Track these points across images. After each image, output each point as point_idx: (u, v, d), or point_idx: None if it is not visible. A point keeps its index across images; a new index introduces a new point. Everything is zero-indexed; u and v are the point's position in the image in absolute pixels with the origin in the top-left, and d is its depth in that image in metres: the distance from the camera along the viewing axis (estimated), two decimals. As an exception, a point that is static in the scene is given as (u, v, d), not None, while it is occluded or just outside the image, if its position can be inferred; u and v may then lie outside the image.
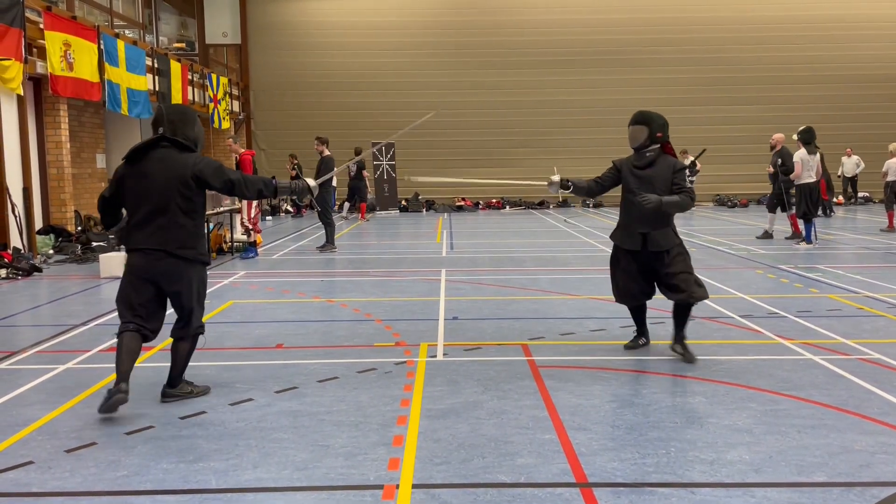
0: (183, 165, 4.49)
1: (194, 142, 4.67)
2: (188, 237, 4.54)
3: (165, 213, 4.48)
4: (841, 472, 3.56)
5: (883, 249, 11.97)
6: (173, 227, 4.49)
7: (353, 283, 9.47)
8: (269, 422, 4.36)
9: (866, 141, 22.83)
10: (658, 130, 5.46)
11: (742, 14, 23.75)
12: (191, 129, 4.65)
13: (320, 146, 12.96)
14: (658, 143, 5.47)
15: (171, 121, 4.61)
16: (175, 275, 4.58)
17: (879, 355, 5.56)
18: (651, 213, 5.35)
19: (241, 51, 24.34)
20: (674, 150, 5.60)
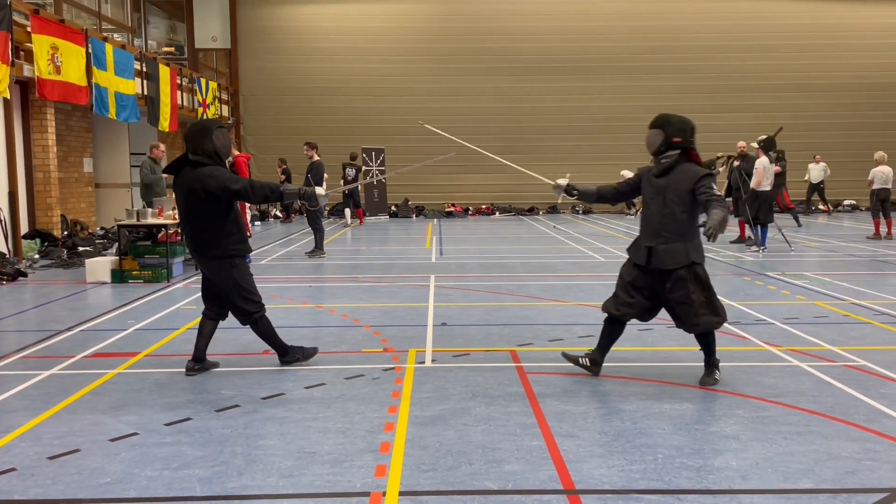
0: (193, 180, 5.08)
1: (214, 153, 5.15)
2: (211, 239, 5.16)
3: (188, 221, 5.25)
4: (827, 479, 3.57)
5: (869, 257, 12.06)
6: (197, 232, 5.21)
7: (341, 288, 9.44)
8: (255, 428, 4.33)
9: (849, 149, 23.05)
10: (676, 135, 4.94)
11: (730, 23, 23.91)
12: (208, 142, 5.13)
13: (310, 151, 12.93)
14: (677, 149, 4.95)
15: (189, 139, 5.19)
16: (213, 272, 5.28)
17: (865, 362, 5.59)
18: (655, 225, 4.92)
19: (230, 55, 24.27)
20: (699, 157, 5.07)
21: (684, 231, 4.90)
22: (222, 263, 5.19)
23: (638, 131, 18.57)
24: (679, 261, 4.88)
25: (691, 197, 4.89)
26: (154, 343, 6.44)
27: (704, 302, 4.91)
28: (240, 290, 5.28)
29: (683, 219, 4.91)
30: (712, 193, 4.83)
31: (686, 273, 4.88)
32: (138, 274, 9.89)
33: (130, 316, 7.67)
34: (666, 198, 4.92)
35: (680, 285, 4.89)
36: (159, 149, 12.11)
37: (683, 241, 4.89)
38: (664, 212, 4.92)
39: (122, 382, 5.28)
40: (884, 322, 7.02)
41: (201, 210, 5.12)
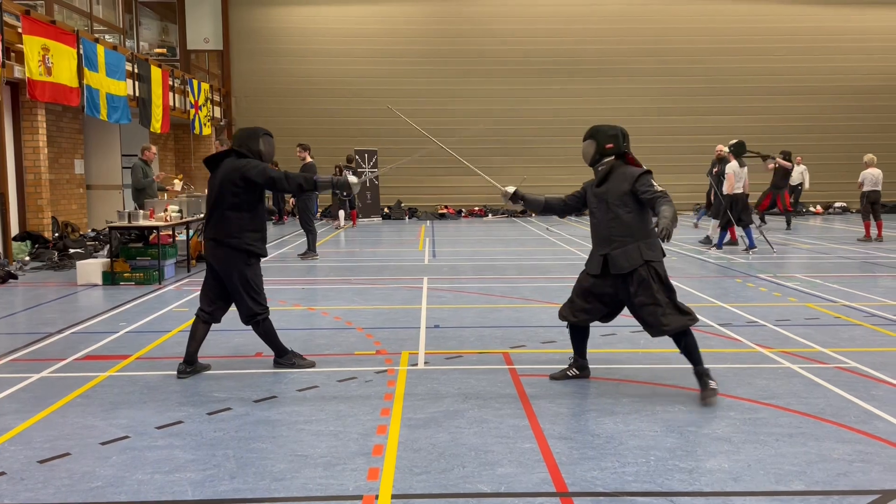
0: (233, 168, 5.26)
1: (258, 153, 5.37)
2: (234, 229, 5.26)
3: (216, 208, 5.32)
4: (818, 481, 3.58)
5: (860, 259, 12.12)
6: (222, 220, 5.28)
7: (334, 290, 9.42)
8: (247, 431, 4.31)
9: (840, 152, 23.19)
10: (607, 142, 4.98)
11: (722, 26, 24.02)
12: (255, 143, 5.38)
13: (302, 153, 12.92)
14: (610, 155, 5.00)
15: (239, 136, 5.46)
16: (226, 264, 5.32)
17: (856, 364, 5.61)
18: (605, 232, 4.90)
19: (222, 57, 24.22)
20: (636, 161, 5.06)
21: (633, 231, 4.87)
22: (238, 256, 5.27)
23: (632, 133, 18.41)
24: (634, 261, 4.82)
25: (633, 197, 4.88)
26: (145, 345, 6.41)
27: (669, 302, 4.80)
28: (249, 289, 5.36)
29: (629, 219, 4.89)
30: (654, 191, 4.79)
31: (646, 272, 4.81)
32: (130, 276, 9.85)
33: (122, 318, 7.64)
34: (608, 203, 4.93)
35: (644, 286, 4.80)
36: (151, 151, 12.07)
37: (635, 241, 4.85)
38: (609, 217, 4.93)
39: (114, 385, 5.26)
40: (875, 324, 7.06)
41: (232, 199, 5.24)
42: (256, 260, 5.41)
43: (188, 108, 20.08)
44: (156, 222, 10.21)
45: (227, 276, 5.35)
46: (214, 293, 5.47)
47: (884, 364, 5.60)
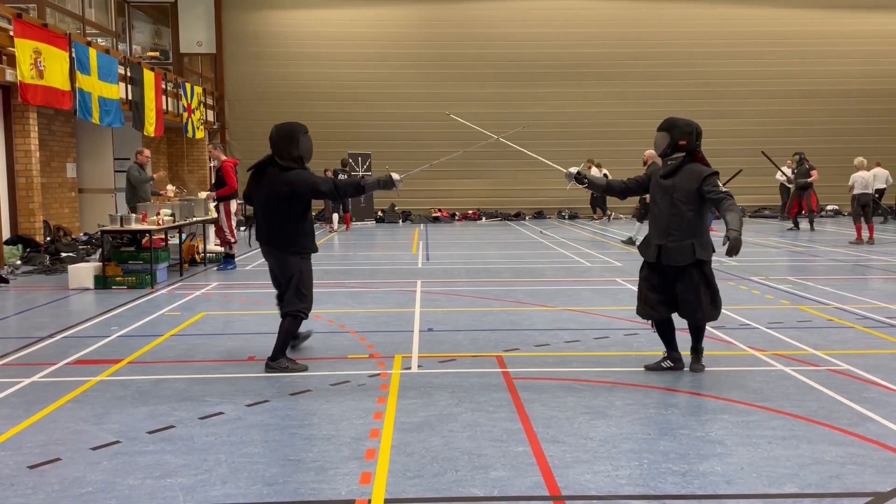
0: (281, 183, 5.41)
1: (298, 158, 5.45)
2: (290, 236, 5.50)
3: (268, 221, 5.56)
4: (811, 484, 3.58)
5: (852, 262, 12.16)
6: (276, 230, 5.52)
7: (327, 294, 9.38)
8: (240, 436, 4.29)
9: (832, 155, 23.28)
10: (682, 138, 5.17)
11: (716, 30, 24.10)
12: (294, 147, 5.44)
13: (296, 156, 12.89)
14: (682, 152, 5.20)
15: (275, 143, 5.49)
16: (282, 265, 5.62)
17: (849, 366, 5.63)
18: (664, 224, 5.18)
19: (215, 60, 24.18)
20: (705, 159, 5.29)
21: (692, 229, 5.14)
22: (296, 259, 5.56)
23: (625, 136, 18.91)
24: (687, 257, 5.13)
25: (698, 196, 5.14)
26: (137, 350, 6.38)
27: (710, 301, 5.21)
28: (301, 284, 5.59)
29: (691, 217, 5.17)
30: (719, 191, 5.06)
31: (695, 270, 5.15)
32: (122, 280, 9.81)
33: (113, 322, 7.60)
34: (673, 198, 5.15)
35: (688, 281, 5.17)
36: (144, 154, 12.03)
37: (691, 239, 5.13)
38: (672, 211, 5.17)
39: (105, 390, 5.23)
40: (867, 326, 7.08)
41: (282, 211, 5.46)
42: (309, 256, 5.68)
43: (181, 111, 20.04)
44: (148, 226, 10.17)
45: (281, 273, 5.68)
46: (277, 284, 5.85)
47: (876, 366, 5.62)
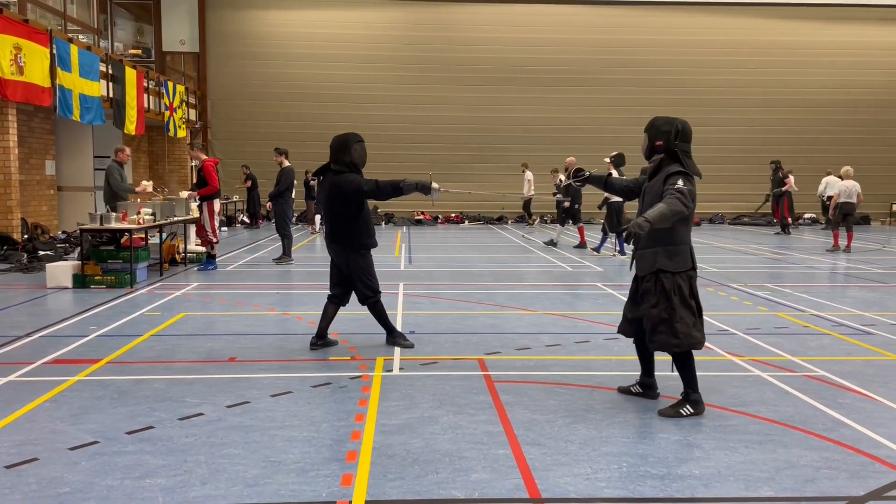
0: (334, 185, 6.09)
1: (351, 164, 6.06)
2: (347, 232, 6.13)
3: (329, 219, 6.24)
4: (786, 487, 3.63)
5: (829, 269, 12.33)
6: (337, 227, 6.16)
7: (309, 295, 9.37)
8: (220, 437, 4.27)
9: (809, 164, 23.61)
10: (657, 138, 4.71)
11: (694, 38, 24.35)
12: (347, 154, 6.07)
13: (279, 157, 12.83)
14: (660, 153, 4.73)
15: (332, 150, 6.15)
16: (344, 259, 6.23)
17: (824, 372, 5.71)
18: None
19: (198, 59, 24.04)
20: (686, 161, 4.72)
21: (660, 236, 4.52)
22: (355, 253, 6.16)
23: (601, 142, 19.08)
24: (646, 266, 4.64)
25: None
26: (116, 350, 6.33)
27: (665, 319, 4.53)
28: (361, 276, 6.21)
29: None
30: (673, 188, 4.47)
31: (651, 281, 4.60)
32: (101, 279, 9.72)
33: (92, 322, 7.53)
34: (645, 201, 4.76)
35: (647, 294, 4.62)
36: (125, 152, 11.89)
37: (656, 246, 4.58)
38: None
39: (83, 390, 5.18)
40: (842, 333, 7.19)
41: (339, 209, 6.11)
42: (367, 251, 6.23)
43: (163, 109, 19.90)
44: (128, 225, 10.09)
45: (345, 266, 6.25)
46: (336, 279, 6.37)
47: (850, 373, 5.71)
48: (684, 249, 4.60)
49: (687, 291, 4.57)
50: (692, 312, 4.59)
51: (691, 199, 4.48)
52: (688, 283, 4.60)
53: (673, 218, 4.40)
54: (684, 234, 4.61)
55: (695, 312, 4.61)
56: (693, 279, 4.65)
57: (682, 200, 4.41)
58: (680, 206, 4.39)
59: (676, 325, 4.52)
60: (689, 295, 4.58)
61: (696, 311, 4.63)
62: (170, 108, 20.20)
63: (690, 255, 4.64)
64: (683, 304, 4.55)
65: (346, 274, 6.30)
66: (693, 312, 4.59)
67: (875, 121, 24.74)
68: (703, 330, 4.68)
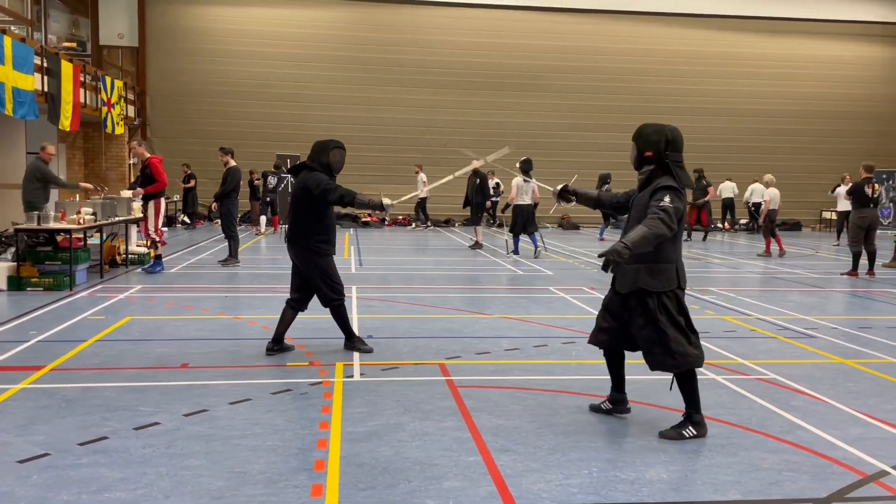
0: (300, 181, 6.08)
1: (326, 166, 6.09)
2: (306, 232, 6.05)
3: (292, 214, 6.18)
4: (753, 490, 3.71)
5: (768, 274, 12.74)
6: (295, 223, 6.12)
7: (259, 299, 9.16)
8: (179, 447, 4.12)
9: (746, 171, 24.41)
10: (646, 148, 4.42)
11: (640, 47, 24.86)
12: (324, 156, 6.09)
13: (225, 157, 12.52)
14: (650, 164, 4.44)
15: (312, 150, 6.17)
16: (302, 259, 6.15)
17: (775, 375, 5.88)
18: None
19: (137, 54, 23.31)
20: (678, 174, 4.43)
21: (643, 252, 4.21)
22: (314, 255, 6.06)
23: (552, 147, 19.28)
24: (626, 285, 4.37)
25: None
26: (60, 356, 6.05)
27: (658, 340, 4.32)
28: (324, 278, 6.11)
29: None
30: (658, 206, 4.21)
31: (635, 300, 4.36)
32: (38, 281, 9.31)
33: (31, 326, 7.19)
34: (632, 215, 4.49)
35: (634, 314, 4.38)
36: (47, 151, 11.06)
37: (638, 263, 4.29)
38: (628, 229, 4.41)
39: (27, 399, 4.93)
40: (787, 337, 7.42)
41: (303, 206, 6.06)
42: (327, 254, 6.12)
43: (100, 105, 19.21)
44: (68, 225, 9.68)
45: (305, 269, 6.14)
46: (297, 284, 6.28)
47: (799, 376, 5.89)
48: (669, 269, 4.33)
49: (674, 309, 4.34)
50: (682, 330, 4.35)
51: (678, 217, 4.24)
52: (674, 300, 4.35)
53: (655, 241, 4.17)
54: (670, 252, 4.33)
55: (685, 330, 4.37)
56: (681, 297, 4.40)
57: (665, 221, 4.16)
58: (662, 229, 4.15)
59: (671, 344, 4.30)
60: (677, 312, 4.35)
61: (688, 327, 4.40)
62: (107, 104, 19.51)
63: (677, 273, 4.36)
64: (671, 322, 4.33)
65: (307, 277, 6.18)
66: (684, 330, 4.36)
67: (805, 130, 25.74)
68: (701, 347, 4.45)
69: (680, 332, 4.33)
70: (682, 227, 4.37)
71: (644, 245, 4.13)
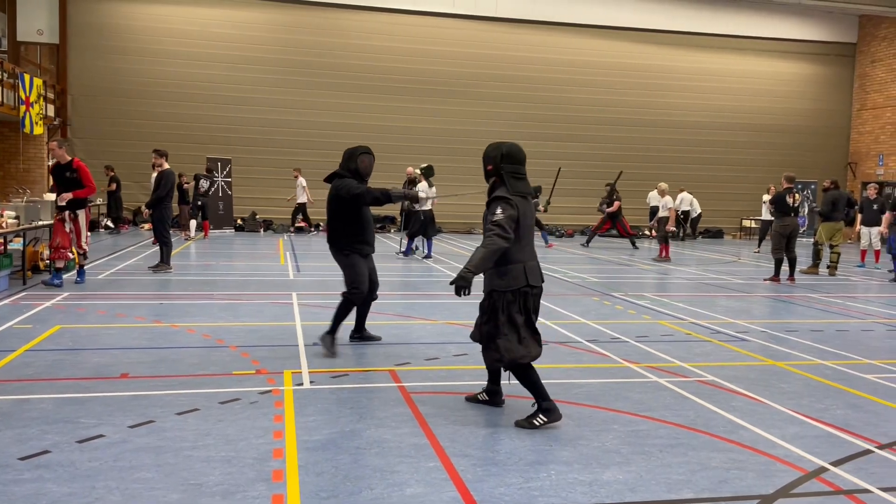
0: (333, 188, 6.50)
1: (356, 171, 6.48)
2: (337, 234, 6.55)
3: (328, 219, 6.64)
4: (704, 489, 3.84)
5: (697, 280, 13.20)
6: (331, 228, 6.62)
7: (196, 306, 8.92)
8: (128, 460, 3.97)
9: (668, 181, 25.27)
10: (487, 163, 4.81)
11: (567, 58, 25.36)
12: (353, 163, 6.49)
13: (159, 159, 12.12)
14: (491, 176, 4.82)
15: (343, 157, 6.55)
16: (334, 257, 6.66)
17: (713, 377, 6.10)
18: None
19: (58, 51, 22.35)
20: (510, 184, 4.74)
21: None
22: (340, 254, 6.55)
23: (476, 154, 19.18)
24: (485, 286, 4.75)
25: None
26: None
27: (491, 336, 4.68)
28: (346, 273, 6.56)
29: None
30: (492, 221, 4.57)
31: (487, 300, 4.73)
32: (-44, 288, 8.79)
33: (-48, 336, 6.79)
34: (484, 226, 4.75)
35: (481, 312, 4.78)
36: None
37: (491, 268, 4.67)
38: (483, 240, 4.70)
39: (-43, 412, 4.66)
40: (721, 340, 7.71)
41: (333, 212, 6.52)
42: (353, 253, 6.53)
43: (18, 104, 18.33)
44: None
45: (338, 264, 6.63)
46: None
47: (736, 377, 6.13)
48: (515, 269, 4.63)
49: (516, 309, 4.63)
50: (516, 329, 4.62)
51: (512, 223, 4.57)
52: (519, 300, 4.64)
53: (496, 256, 4.53)
54: (515, 253, 4.63)
55: (519, 329, 4.63)
56: (528, 296, 4.68)
57: (500, 234, 4.51)
58: (499, 243, 4.51)
59: (499, 340, 4.62)
60: (518, 311, 4.64)
61: (526, 325, 4.67)
62: (26, 103, 18.62)
63: (525, 273, 4.65)
64: (509, 321, 4.62)
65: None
66: (517, 327, 4.62)
67: (726, 142, 26.82)
68: (532, 344, 4.67)
69: (512, 329, 4.64)
70: (523, 231, 4.70)
71: (486, 263, 4.58)
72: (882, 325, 8.99)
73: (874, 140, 26.77)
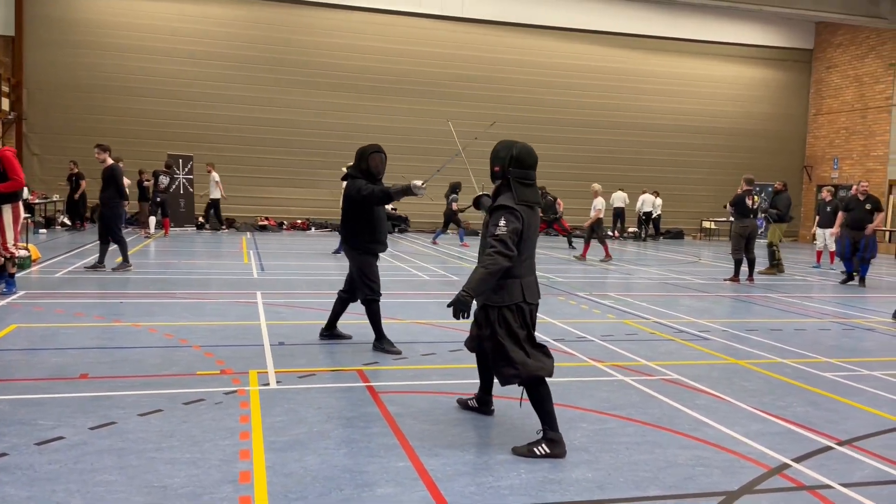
0: (346, 189, 6.63)
1: (367, 171, 6.54)
2: (351, 233, 6.62)
3: (342, 218, 6.78)
4: (671, 485, 3.89)
5: (659, 280, 13.39)
6: (345, 226, 6.70)
7: (158, 305, 8.75)
8: (90, 462, 3.87)
9: (631, 182, 25.62)
10: (494, 163, 4.45)
11: (531, 59, 25.51)
12: (364, 163, 6.55)
13: (102, 154, 11.59)
14: (498, 178, 4.46)
15: (355, 158, 6.63)
16: (349, 256, 6.75)
17: (677, 376, 6.19)
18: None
19: (13, 44, 21.74)
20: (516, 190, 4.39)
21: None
22: (356, 253, 6.60)
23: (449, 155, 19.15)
24: (479, 299, 4.36)
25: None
26: None
27: (498, 351, 4.34)
28: (361, 276, 6.59)
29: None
30: (494, 235, 4.22)
31: (482, 314, 4.42)
32: None
33: None
34: (484, 233, 4.43)
35: (479, 327, 4.45)
36: None
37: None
38: (482, 245, 4.43)
39: None
40: (685, 339, 7.83)
41: (347, 211, 6.61)
42: (368, 253, 6.60)
43: (-29, 97, 17.79)
44: (-60, 225, 8.84)
45: (350, 265, 6.71)
46: (349, 278, 6.82)
47: (699, 376, 6.23)
48: (512, 284, 4.31)
49: (515, 323, 4.33)
50: (518, 342, 4.32)
51: (516, 238, 4.23)
52: (517, 314, 4.34)
53: (497, 276, 4.20)
54: (514, 268, 4.29)
55: (522, 343, 4.33)
56: (525, 311, 4.37)
57: (502, 252, 4.16)
58: (500, 263, 4.16)
59: (510, 354, 4.28)
60: (518, 326, 4.34)
61: (528, 341, 4.37)
62: (-21, 96, 18.09)
63: (521, 289, 4.34)
64: (509, 334, 4.32)
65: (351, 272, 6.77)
66: (520, 343, 4.33)
67: (687, 144, 27.25)
68: (542, 357, 4.36)
69: (516, 344, 4.31)
70: (525, 244, 4.34)
71: (485, 285, 4.19)
72: (838, 324, 9.22)
73: (829, 144, 27.46)
